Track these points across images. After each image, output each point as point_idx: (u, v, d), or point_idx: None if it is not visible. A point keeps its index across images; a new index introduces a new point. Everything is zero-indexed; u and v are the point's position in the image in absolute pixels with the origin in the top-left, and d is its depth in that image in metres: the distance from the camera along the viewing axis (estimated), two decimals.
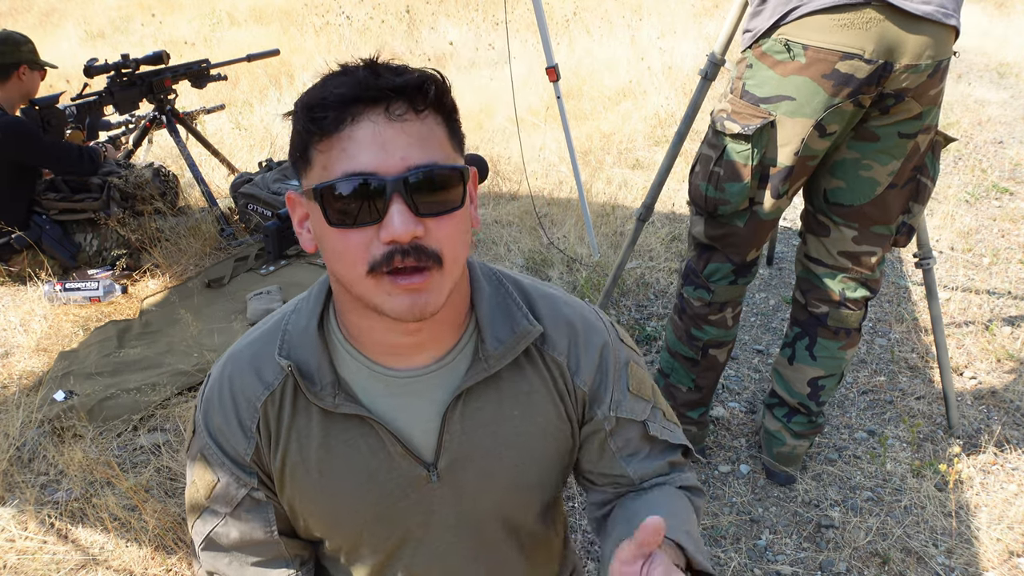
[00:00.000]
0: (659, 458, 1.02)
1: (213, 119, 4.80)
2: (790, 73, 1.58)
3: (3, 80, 3.15)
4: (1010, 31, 6.87)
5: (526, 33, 6.43)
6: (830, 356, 1.91)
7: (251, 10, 8.42)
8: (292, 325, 0.92)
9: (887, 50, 1.50)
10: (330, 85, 0.77)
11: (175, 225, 3.56)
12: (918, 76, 1.55)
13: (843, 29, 1.50)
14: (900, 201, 1.75)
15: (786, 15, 1.55)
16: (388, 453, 0.91)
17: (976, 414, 2.30)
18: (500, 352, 0.91)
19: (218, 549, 0.98)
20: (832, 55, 1.52)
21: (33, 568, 1.83)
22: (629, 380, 0.99)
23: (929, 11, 1.48)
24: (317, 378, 0.89)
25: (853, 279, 1.84)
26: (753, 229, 1.79)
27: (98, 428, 2.31)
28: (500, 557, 1.02)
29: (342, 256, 0.80)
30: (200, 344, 2.68)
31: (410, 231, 0.76)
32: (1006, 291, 2.98)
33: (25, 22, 8.72)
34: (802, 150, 1.65)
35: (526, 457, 0.96)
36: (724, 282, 1.88)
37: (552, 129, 4.66)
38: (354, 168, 0.76)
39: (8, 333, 2.89)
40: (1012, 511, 1.94)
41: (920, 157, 1.71)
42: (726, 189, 1.73)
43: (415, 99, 0.78)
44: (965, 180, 4.06)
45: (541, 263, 3.23)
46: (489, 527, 0.99)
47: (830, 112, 1.59)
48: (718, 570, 1.81)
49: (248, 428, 0.91)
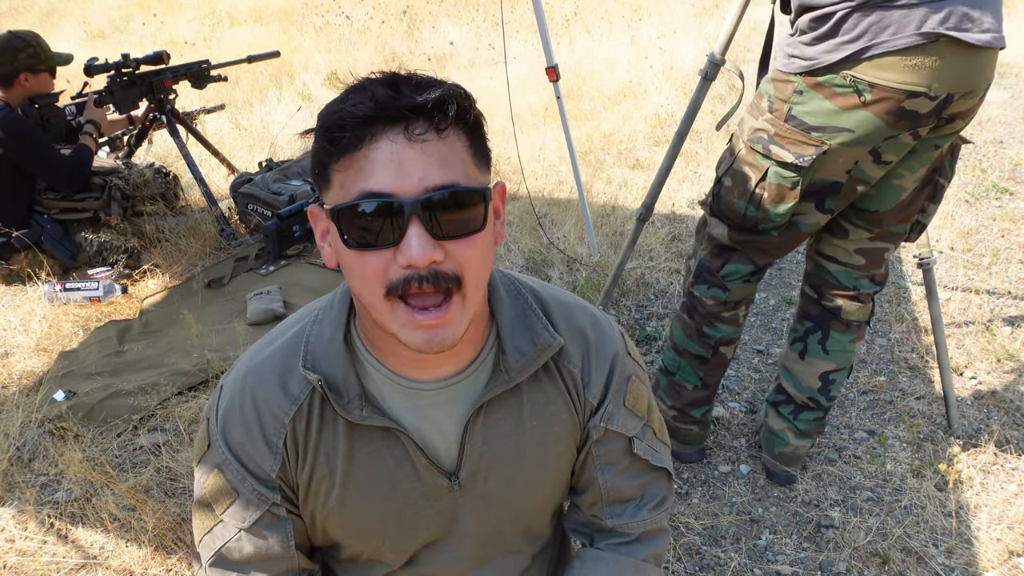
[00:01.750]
0: (634, 477, 1.03)
1: (213, 119, 4.80)
2: (851, 108, 1.55)
3: (6, 87, 3.18)
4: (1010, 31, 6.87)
5: (526, 33, 6.43)
6: (842, 349, 1.93)
7: (251, 10, 8.42)
8: (315, 337, 0.90)
9: (951, 84, 1.50)
10: (349, 103, 0.75)
11: (175, 225, 3.56)
12: (973, 100, 1.56)
13: (912, 69, 1.49)
14: (918, 203, 1.77)
15: (856, 54, 1.51)
16: (413, 464, 0.91)
17: (976, 414, 2.30)
18: (521, 364, 0.91)
19: (228, 566, 0.95)
20: (899, 95, 1.51)
21: (33, 568, 1.83)
22: (627, 395, 1.00)
23: (988, 40, 1.48)
24: (344, 391, 0.88)
25: (866, 275, 1.86)
26: (788, 239, 1.80)
27: (98, 428, 2.31)
28: (513, 560, 1.04)
29: (360, 277, 0.79)
30: (200, 344, 2.68)
31: (428, 255, 0.74)
32: (1006, 291, 2.98)
33: (25, 22, 8.72)
34: (856, 172, 1.64)
35: (543, 466, 0.97)
36: (739, 280, 1.89)
37: (552, 129, 4.65)
38: (371, 189, 0.74)
39: (8, 333, 2.89)
40: (1012, 511, 1.94)
41: (941, 160, 1.73)
42: (769, 211, 1.72)
43: (436, 118, 0.75)
44: (965, 180, 4.06)
45: (541, 263, 3.23)
46: (507, 532, 1.01)
47: (888, 142, 1.59)
48: (718, 570, 1.81)
49: (274, 444, 0.90)
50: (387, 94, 0.75)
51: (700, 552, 1.86)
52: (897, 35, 1.46)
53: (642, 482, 1.04)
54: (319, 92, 5.53)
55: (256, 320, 2.85)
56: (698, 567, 1.82)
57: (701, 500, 2.02)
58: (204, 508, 0.94)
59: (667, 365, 2.09)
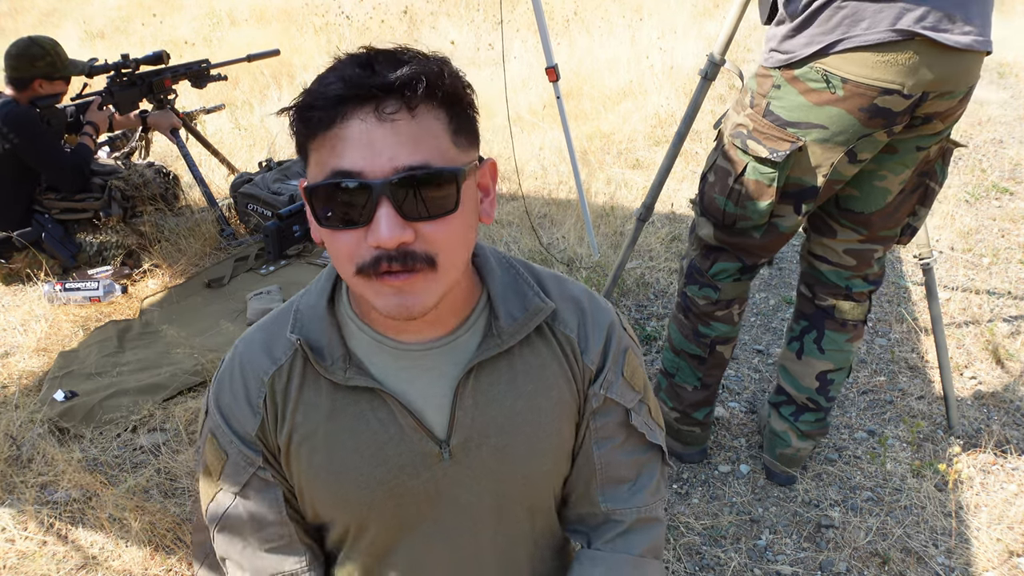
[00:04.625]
0: (630, 453, 1.01)
1: (213, 119, 4.80)
2: (824, 103, 1.54)
3: (21, 90, 3.21)
4: (1010, 31, 6.86)
5: (526, 33, 6.42)
6: (838, 349, 1.92)
7: (251, 10, 8.41)
8: (303, 304, 0.93)
9: (927, 83, 1.49)
10: (324, 82, 0.76)
11: (175, 225, 3.56)
12: (951, 101, 1.55)
13: (885, 66, 1.47)
14: (907, 206, 1.76)
15: (827, 47, 1.50)
16: (399, 426, 0.90)
17: (976, 414, 2.30)
18: (513, 328, 0.91)
19: (232, 532, 0.96)
20: (872, 91, 1.49)
21: (33, 568, 1.83)
22: (625, 366, 0.99)
23: (968, 43, 1.46)
24: (327, 352, 0.89)
25: (857, 275, 1.85)
26: (769, 240, 1.79)
27: (98, 428, 2.31)
28: (513, 542, 1.00)
29: (334, 254, 0.80)
30: (200, 344, 2.68)
31: (396, 237, 0.74)
32: (1006, 291, 2.98)
33: (25, 22, 8.72)
34: (831, 174, 1.63)
35: (541, 434, 0.94)
36: (729, 280, 1.89)
37: (552, 129, 4.65)
38: (341, 167, 0.75)
39: (8, 333, 2.89)
40: (1012, 511, 1.94)
41: (930, 163, 1.71)
42: (747, 207, 1.71)
43: (408, 96, 0.74)
44: (965, 180, 4.06)
45: (541, 263, 3.23)
46: (506, 511, 0.97)
47: (863, 140, 1.57)
48: (718, 570, 1.81)
49: (255, 404, 0.92)
50: (359, 73, 0.74)
51: (700, 552, 1.86)
52: (870, 30, 1.44)
53: (637, 460, 1.02)
54: None
55: (256, 320, 2.85)
56: (698, 567, 1.82)
57: (701, 500, 2.02)
58: (206, 477, 0.97)
59: (666, 367, 2.08)
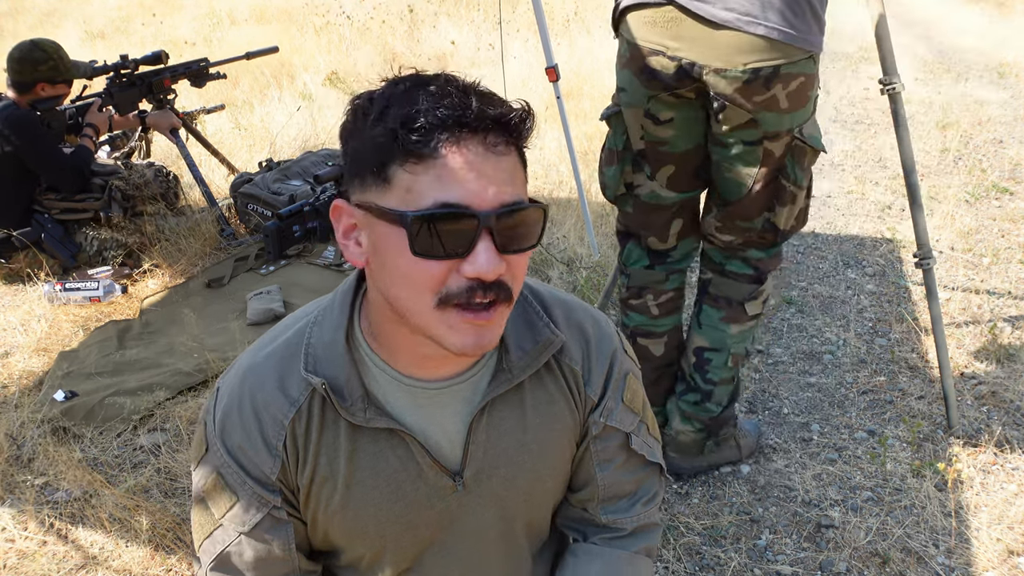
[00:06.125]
0: (630, 473, 1.04)
1: (213, 119, 4.80)
2: (622, 67, 1.71)
3: (23, 93, 3.21)
4: (1010, 31, 6.87)
5: (527, 33, 6.42)
6: (712, 326, 1.92)
7: (251, 10, 8.42)
8: (316, 338, 0.89)
9: (690, 51, 1.55)
10: (424, 102, 0.74)
11: (175, 225, 3.56)
12: (732, 82, 1.55)
13: (650, 26, 1.58)
14: (760, 201, 1.77)
15: (622, 10, 1.64)
16: (417, 464, 0.91)
17: (976, 414, 2.30)
18: (524, 362, 0.92)
19: (229, 570, 0.94)
20: (642, 52, 1.61)
21: (33, 568, 1.83)
22: (625, 391, 1.01)
23: (728, 19, 1.47)
24: (347, 393, 0.87)
25: (734, 257, 1.88)
26: (641, 213, 1.89)
27: (98, 428, 2.31)
28: (515, 557, 1.04)
29: (412, 283, 0.77)
30: (200, 344, 2.68)
31: (496, 269, 0.75)
32: (1006, 291, 2.98)
33: (25, 22, 8.72)
34: (646, 136, 1.76)
35: (545, 463, 0.98)
36: (638, 265, 1.96)
37: (552, 129, 4.65)
38: (447, 199, 0.74)
39: (8, 333, 2.89)
40: (1012, 511, 1.94)
41: (778, 161, 1.71)
42: (605, 173, 1.89)
43: (512, 132, 0.77)
44: (965, 180, 4.06)
45: (541, 263, 3.23)
46: (510, 531, 1.01)
47: (653, 101, 1.68)
48: (718, 570, 1.81)
49: (273, 446, 0.88)
50: (464, 100, 0.75)
51: (700, 552, 1.86)
52: None
53: (637, 478, 1.05)
54: (319, 92, 5.53)
55: (256, 320, 2.85)
56: (698, 567, 1.82)
57: (701, 500, 2.02)
58: (203, 512, 0.93)
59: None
